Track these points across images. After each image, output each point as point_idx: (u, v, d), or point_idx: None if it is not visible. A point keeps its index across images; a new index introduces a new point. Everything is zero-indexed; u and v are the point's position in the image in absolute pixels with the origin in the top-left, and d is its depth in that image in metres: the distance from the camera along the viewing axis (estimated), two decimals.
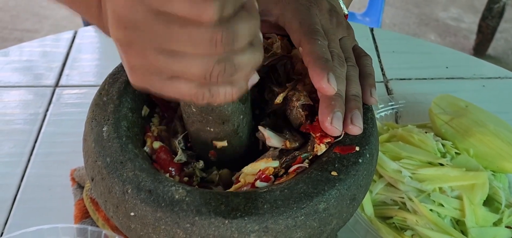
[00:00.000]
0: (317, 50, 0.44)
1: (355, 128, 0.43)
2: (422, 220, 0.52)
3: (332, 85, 0.42)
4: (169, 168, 0.44)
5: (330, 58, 0.45)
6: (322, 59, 0.43)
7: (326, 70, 0.43)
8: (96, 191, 0.43)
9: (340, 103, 0.43)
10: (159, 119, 0.50)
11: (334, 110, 0.42)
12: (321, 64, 0.43)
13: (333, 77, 0.42)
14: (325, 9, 0.50)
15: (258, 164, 0.43)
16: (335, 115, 0.42)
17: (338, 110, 0.42)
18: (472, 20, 2.48)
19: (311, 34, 0.46)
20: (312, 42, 0.45)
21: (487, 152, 0.58)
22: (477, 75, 0.78)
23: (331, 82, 0.42)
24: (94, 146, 0.43)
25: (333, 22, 0.49)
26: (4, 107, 0.71)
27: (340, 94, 0.43)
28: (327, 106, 0.42)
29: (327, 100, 0.43)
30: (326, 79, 0.42)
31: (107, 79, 0.49)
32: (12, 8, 2.51)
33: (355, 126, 0.43)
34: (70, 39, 0.84)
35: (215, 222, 0.37)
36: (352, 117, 0.43)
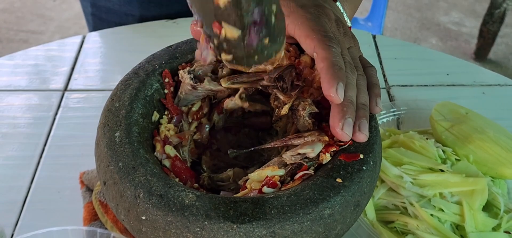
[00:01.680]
0: (331, 57, 0.45)
1: (362, 135, 0.44)
2: (422, 225, 0.52)
3: (339, 96, 0.43)
4: (184, 176, 0.46)
5: (343, 66, 0.46)
6: (335, 67, 0.45)
7: (337, 79, 0.44)
8: (108, 195, 0.44)
9: (351, 110, 0.44)
10: (167, 121, 0.52)
11: (345, 116, 0.43)
12: (333, 72, 0.44)
13: (342, 87, 0.44)
14: (332, 19, 0.51)
15: (265, 172, 0.44)
16: (346, 121, 0.43)
17: (349, 117, 0.44)
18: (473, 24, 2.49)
19: (326, 40, 0.47)
20: (327, 48, 0.46)
21: (487, 158, 0.59)
22: (477, 82, 0.79)
23: (338, 93, 0.43)
24: (107, 151, 0.44)
25: (341, 31, 0.50)
26: (14, 111, 0.72)
27: (352, 100, 0.45)
28: (338, 112, 0.44)
29: (339, 106, 0.44)
30: (335, 89, 0.43)
31: (119, 85, 0.50)
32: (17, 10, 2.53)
33: (362, 133, 0.44)
34: (78, 44, 0.85)
35: (224, 226, 0.38)
36: (359, 125, 0.44)
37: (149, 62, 0.53)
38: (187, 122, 0.53)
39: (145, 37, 0.86)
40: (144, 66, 0.52)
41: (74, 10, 2.53)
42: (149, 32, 0.87)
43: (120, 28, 0.88)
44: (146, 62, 0.53)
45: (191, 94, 0.52)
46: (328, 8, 0.51)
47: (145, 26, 0.89)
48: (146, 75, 0.51)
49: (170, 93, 0.52)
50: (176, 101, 0.52)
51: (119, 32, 0.88)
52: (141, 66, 0.52)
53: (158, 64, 0.52)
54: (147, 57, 0.54)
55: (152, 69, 0.52)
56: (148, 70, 0.52)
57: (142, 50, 0.62)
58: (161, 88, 0.52)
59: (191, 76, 0.51)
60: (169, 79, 0.52)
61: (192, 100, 0.53)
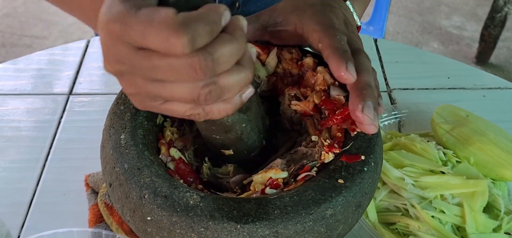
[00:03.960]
0: (335, 43, 0.45)
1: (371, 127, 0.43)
2: (424, 226, 0.53)
3: (351, 73, 0.42)
4: (189, 178, 0.46)
5: (349, 50, 0.45)
6: (340, 50, 0.44)
7: (344, 59, 0.43)
8: (114, 196, 0.45)
9: (370, 93, 0.43)
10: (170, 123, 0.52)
11: (365, 100, 0.42)
12: (339, 54, 0.43)
13: (352, 65, 0.43)
14: (341, 17, 0.50)
15: (268, 174, 0.45)
16: (366, 104, 0.42)
17: (369, 100, 0.42)
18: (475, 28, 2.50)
19: (330, 29, 0.46)
20: (331, 37, 0.45)
21: (487, 160, 0.59)
22: (477, 85, 0.79)
23: (350, 70, 0.42)
24: (112, 153, 0.45)
25: (349, 30, 0.50)
26: (19, 114, 0.73)
27: (370, 84, 0.43)
28: (358, 95, 0.43)
29: (357, 90, 0.43)
30: (345, 67, 0.42)
31: None
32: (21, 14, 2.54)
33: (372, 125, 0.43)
34: (83, 48, 0.86)
35: (228, 226, 0.39)
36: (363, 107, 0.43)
37: None
38: (188, 124, 0.54)
39: None
40: None
41: None
42: None
43: None
44: None
45: None
46: (336, 7, 0.51)
47: None
48: None
49: None
50: None
51: None
52: None
53: None
54: None
55: None
56: None
57: None
58: None
59: None
60: None
61: None
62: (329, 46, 0.45)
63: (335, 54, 0.44)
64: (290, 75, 0.52)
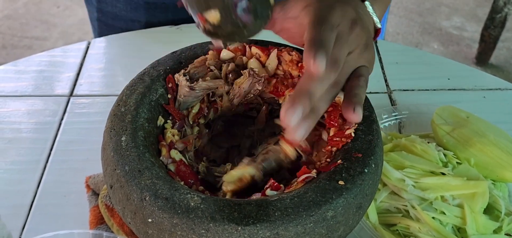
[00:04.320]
0: (315, 35, 0.43)
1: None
2: (424, 228, 0.53)
3: (319, 63, 0.41)
4: (189, 180, 0.47)
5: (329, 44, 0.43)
6: (316, 41, 0.42)
7: (315, 48, 0.41)
8: (115, 198, 0.45)
9: (304, 101, 0.42)
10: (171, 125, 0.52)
11: (294, 105, 0.42)
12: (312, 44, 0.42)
13: (322, 56, 0.41)
14: (349, 17, 0.48)
15: (236, 173, 0.46)
16: (292, 109, 0.42)
17: (299, 106, 0.42)
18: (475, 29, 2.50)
19: (317, 23, 0.45)
20: (315, 29, 0.44)
21: (488, 161, 0.59)
22: (478, 87, 0.79)
23: (318, 59, 0.41)
24: (113, 155, 0.45)
25: (353, 31, 0.47)
26: (20, 116, 0.73)
27: (310, 93, 0.43)
28: (292, 98, 0.42)
29: (295, 92, 0.43)
30: (313, 55, 0.41)
31: (125, 90, 0.51)
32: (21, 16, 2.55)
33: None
34: (83, 50, 0.86)
35: (229, 228, 0.39)
36: None
37: (154, 68, 0.54)
38: (189, 126, 0.54)
39: (149, 43, 0.87)
40: (149, 72, 0.53)
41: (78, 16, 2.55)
42: (152, 38, 0.88)
43: (124, 34, 0.89)
44: (151, 68, 0.54)
45: (190, 96, 0.52)
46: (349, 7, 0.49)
47: (149, 32, 0.90)
48: (151, 81, 0.52)
49: (173, 97, 0.53)
50: (176, 105, 0.53)
51: (123, 38, 0.89)
52: (146, 71, 0.53)
53: (162, 70, 0.53)
54: (152, 63, 0.55)
55: (157, 75, 0.53)
56: (153, 75, 0.53)
57: (146, 55, 0.63)
58: (165, 93, 0.53)
59: (187, 77, 0.52)
60: (173, 84, 0.53)
61: (192, 102, 0.53)
62: (308, 39, 0.44)
63: (309, 43, 0.42)
64: (291, 76, 0.52)
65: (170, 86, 0.53)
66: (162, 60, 0.55)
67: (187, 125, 0.54)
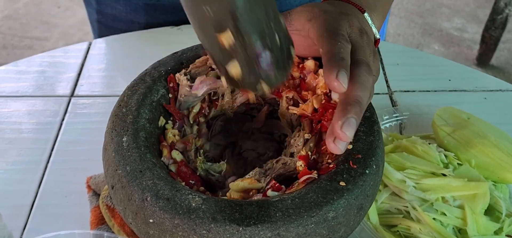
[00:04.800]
0: (333, 50, 0.43)
1: (336, 148, 0.42)
2: (425, 229, 0.53)
3: (341, 82, 0.41)
4: (190, 180, 0.47)
5: (347, 58, 0.43)
6: (336, 57, 0.42)
7: (337, 66, 0.41)
8: (116, 199, 0.45)
9: (356, 109, 0.41)
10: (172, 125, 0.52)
11: (347, 116, 0.41)
12: (333, 61, 0.42)
13: (344, 74, 0.41)
14: (356, 26, 0.48)
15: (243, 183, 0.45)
16: (348, 120, 0.41)
17: (352, 117, 0.41)
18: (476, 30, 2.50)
19: (333, 35, 0.45)
20: (330, 42, 0.44)
21: (488, 162, 0.59)
22: (479, 88, 0.79)
23: (340, 78, 0.41)
24: (114, 156, 0.45)
25: (364, 39, 0.48)
26: (21, 117, 0.73)
27: (360, 101, 0.42)
28: (342, 109, 0.41)
29: (344, 104, 0.42)
30: (335, 74, 0.41)
31: (126, 91, 0.51)
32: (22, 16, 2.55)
33: (344, 133, 0.41)
34: (84, 50, 0.86)
35: (230, 229, 0.39)
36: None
37: (155, 69, 0.54)
38: (189, 125, 0.54)
39: (150, 44, 0.87)
40: (151, 73, 0.53)
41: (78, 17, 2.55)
42: (153, 39, 0.88)
43: (125, 35, 0.90)
44: (152, 69, 0.54)
45: (190, 96, 0.52)
46: (354, 18, 0.49)
47: (150, 32, 0.90)
48: (153, 81, 0.52)
49: (174, 97, 0.53)
50: (177, 105, 0.53)
51: (124, 39, 0.89)
52: (147, 72, 0.53)
53: (164, 70, 0.53)
54: (153, 64, 0.55)
55: (158, 75, 0.53)
56: (154, 76, 0.53)
57: (147, 56, 0.63)
58: (167, 94, 0.53)
59: (188, 77, 0.52)
60: (174, 84, 0.53)
61: (192, 102, 0.53)
62: (327, 52, 0.44)
63: (330, 60, 0.42)
64: (292, 78, 0.52)
65: (171, 85, 0.53)
66: (163, 61, 0.55)
67: (187, 124, 0.54)
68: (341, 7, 0.51)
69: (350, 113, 0.41)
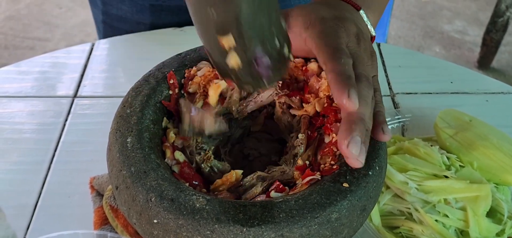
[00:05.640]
0: (339, 68, 0.44)
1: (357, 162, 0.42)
2: (427, 230, 0.53)
3: (353, 101, 0.42)
4: (193, 181, 0.47)
5: (353, 76, 0.44)
6: (343, 76, 0.43)
7: (347, 86, 0.42)
8: (120, 199, 0.45)
9: (360, 127, 0.42)
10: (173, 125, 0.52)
11: (352, 134, 0.41)
12: (342, 80, 0.43)
13: (354, 93, 0.42)
14: (353, 33, 0.49)
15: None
16: (353, 139, 0.41)
17: (357, 135, 0.41)
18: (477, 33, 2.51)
19: (335, 52, 0.45)
20: (335, 60, 0.45)
21: (490, 165, 0.60)
22: (480, 90, 0.80)
23: (352, 98, 0.42)
24: (119, 156, 0.45)
25: (361, 46, 0.48)
26: (24, 117, 0.74)
27: (363, 117, 0.42)
28: (346, 128, 0.42)
29: (347, 123, 0.42)
30: (347, 94, 0.42)
31: (130, 92, 0.51)
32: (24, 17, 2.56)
33: (358, 160, 0.42)
34: (88, 51, 0.86)
35: (234, 230, 0.39)
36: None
37: (159, 70, 0.54)
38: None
39: (153, 45, 0.87)
40: (154, 74, 0.53)
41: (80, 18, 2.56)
42: (156, 40, 0.88)
43: (128, 36, 0.90)
44: (156, 70, 0.54)
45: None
46: (349, 20, 0.50)
47: (153, 34, 0.90)
48: (157, 82, 0.52)
49: (174, 94, 0.53)
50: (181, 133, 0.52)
51: (127, 40, 0.89)
52: (151, 73, 0.54)
53: (168, 72, 0.53)
54: (157, 65, 0.55)
55: (162, 77, 0.53)
56: (158, 77, 0.53)
57: (150, 57, 0.63)
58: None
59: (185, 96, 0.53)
60: (174, 81, 0.53)
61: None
62: (332, 70, 0.44)
63: (338, 79, 0.43)
64: (296, 81, 0.53)
65: (172, 82, 0.53)
66: (167, 62, 0.55)
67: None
68: (336, 9, 0.51)
69: (355, 132, 0.41)
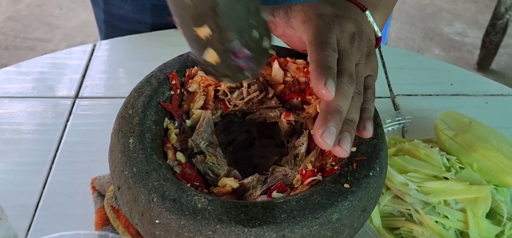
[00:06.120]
0: (321, 58, 0.44)
1: (342, 150, 0.42)
2: (427, 231, 0.53)
3: (330, 90, 0.42)
4: (195, 182, 0.47)
5: (334, 68, 0.44)
6: (324, 66, 0.43)
7: (325, 75, 0.42)
8: (122, 200, 0.45)
9: (336, 118, 0.42)
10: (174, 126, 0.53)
11: (328, 124, 0.41)
12: (321, 69, 0.43)
13: (332, 82, 0.42)
14: (348, 31, 0.49)
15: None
16: (328, 128, 0.41)
17: (332, 125, 0.41)
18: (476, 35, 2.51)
19: (321, 44, 0.46)
20: (318, 51, 0.45)
21: (490, 166, 0.60)
22: (480, 92, 0.80)
23: (328, 86, 0.42)
24: (121, 157, 0.45)
25: (354, 45, 0.49)
26: (25, 118, 0.74)
27: (340, 110, 0.43)
28: (322, 118, 0.42)
29: (324, 113, 0.42)
30: (323, 82, 0.42)
31: (132, 93, 0.52)
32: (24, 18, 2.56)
33: (342, 149, 0.42)
34: (89, 52, 0.87)
35: (235, 230, 0.40)
36: (340, 139, 0.42)
37: (161, 71, 0.54)
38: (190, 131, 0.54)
39: (155, 46, 0.88)
40: (156, 75, 0.54)
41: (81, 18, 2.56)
42: (158, 41, 0.89)
43: (130, 36, 0.90)
44: (158, 71, 0.54)
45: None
46: (349, 19, 0.50)
47: (155, 34, 0.90)
48: (158, 83, 0.52)
49: (176, 95, 0.53)
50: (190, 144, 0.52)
51: (129, 41, 0.89)
52: (153, 74, 0.54)
53: (169, 73, 0.54)
54: (159, 66, 0.55)
55: (164, 78, 0.53)
56: (160, 78, 0.53)
57: (152, 58, 0.63)
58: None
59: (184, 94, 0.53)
60: (177, 82, 0.53)
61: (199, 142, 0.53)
62: (314, 60, 0.45)
63: (317, 68, 0.43)
64: (298, 83, 0.53)
65: (174, 83, 0.53)
66: (169, 63, 0.55)
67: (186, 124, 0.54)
68: (338, 8, 0.52)
69: (330, 122, 0.42)
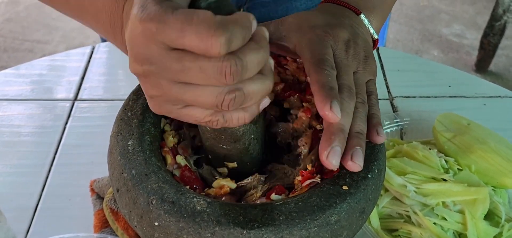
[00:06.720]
0: (322, 79, 0.44)
1: (355, 165, 0.42)
2: (426, 233, 0.53)
3: (335, 113, 0.42)
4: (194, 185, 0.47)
5: (336, 87, 0.44)
6: (326, 87, 0.43)
7: (329, 97, 0.43)
8: (121, 202, 0.45)
9: (340, 137, 0.42)
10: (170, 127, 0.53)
11: (332, 145, 0.42)
12: (324, 92, 0.43)
13: (336, 104, 0.43)
14: (342, 40, 0.49)
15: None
16: (333, 149, 0.42)
17: (337, 145, 0.42)
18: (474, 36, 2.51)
19: (319, 63, 0.46)
20: (318, 71, 0.45)
21: (488, 168, 0.60)
22: (478, 94, 0.80)
23: (334, 110, 0.42)
24: (120, 159, 0.45)
25: (349, 53, 0.49)
26: (24, 120, 0.74)
27: (343, 128, 0.43)
28: (326, 139, 0.42)
29: (328, 133, 0.43)
30: (329, 106, 0.42)
31: (131, 95, 0.52)
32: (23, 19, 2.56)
33: (355, 163, 0.42)
34: (88, 54, 0.87)
35: (234, 232, 0.40)
36: (352, 154, 0.43)
37: None
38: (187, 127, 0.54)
39: None
40: None
41: None
42: None
43: None
44: None
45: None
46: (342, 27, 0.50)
47: None
48: None
49: None
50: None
51: None
52: None
53: None
54: None
55: None
56: None
57: None
58: None
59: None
60: None
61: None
62: (316, 82, 0.45)
63: (321, 90, 0.43)
64: (298, 82, 0.53)
65: None
66: None
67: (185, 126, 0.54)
68: (332, 16, 0.52)
69: (334, 142, 0.42)
